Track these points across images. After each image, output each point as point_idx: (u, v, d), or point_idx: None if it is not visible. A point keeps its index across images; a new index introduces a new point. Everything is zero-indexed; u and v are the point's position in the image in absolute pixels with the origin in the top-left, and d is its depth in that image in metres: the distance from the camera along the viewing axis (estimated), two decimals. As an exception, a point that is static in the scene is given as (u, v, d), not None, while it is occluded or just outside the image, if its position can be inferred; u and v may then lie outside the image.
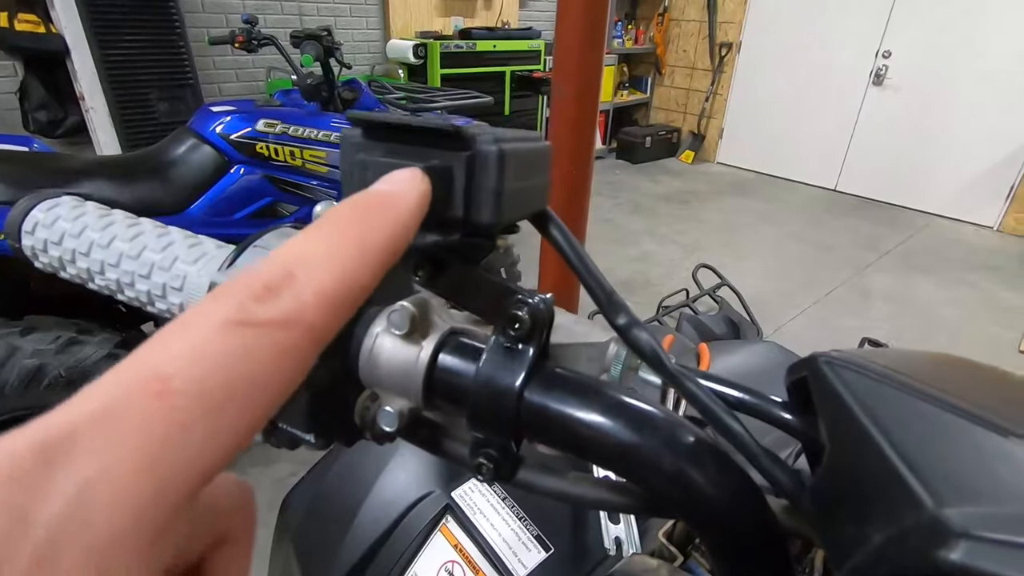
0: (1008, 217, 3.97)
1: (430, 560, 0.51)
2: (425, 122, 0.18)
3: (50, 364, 1.19)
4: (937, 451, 0.14)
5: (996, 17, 3.72)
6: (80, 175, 1.43)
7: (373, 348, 0.21)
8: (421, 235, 0.18)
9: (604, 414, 0.18)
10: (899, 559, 0.12)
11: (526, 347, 0.19)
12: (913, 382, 0.16)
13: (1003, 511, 0.12)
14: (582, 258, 0.20)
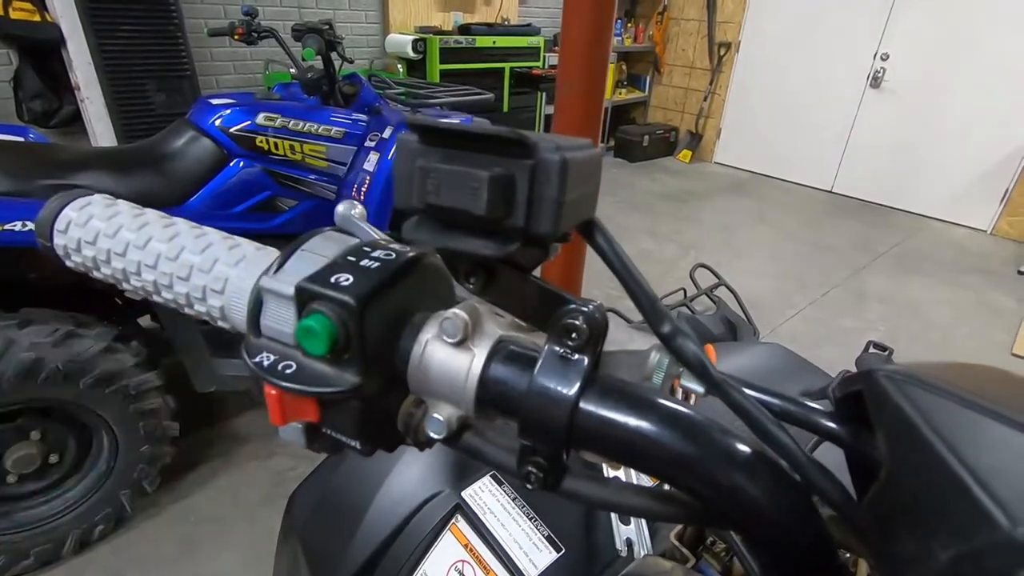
0: (1001, 221, 4.00)
1: (440, 559, 0.51)
2: (485, 129, 0.18)
3: (48, 357, 1.18)
4: (1008, 469, 0.14)
5: (994, 23, 3.74)
6: (78, 166, 1.41)
7: (423, 356, 0.20)
8: (480, 244, 0.17)
9: (660, 424, 0.18)
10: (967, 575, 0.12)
11: (581, 357, 0.19)
12: (977, 399, 0.16)
13: None
14: (627, 267, 0.20)
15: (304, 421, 0.20)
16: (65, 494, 1.34)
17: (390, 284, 0.20)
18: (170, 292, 0.28)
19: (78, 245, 0.30)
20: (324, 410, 0.20)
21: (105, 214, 0.31)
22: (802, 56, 4.71)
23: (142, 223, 0.29)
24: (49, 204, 0.32)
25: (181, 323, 1.42)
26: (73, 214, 0.30)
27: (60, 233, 0.31)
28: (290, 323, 0.21)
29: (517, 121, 4.39)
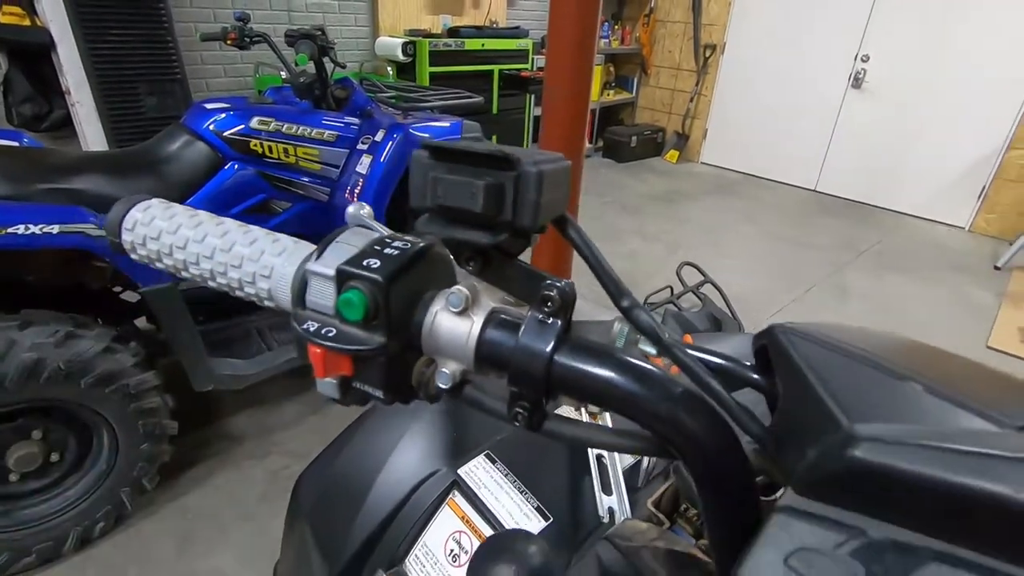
0: (979, 218, 4.11)
1: (439, 531, 0.56)
2: (480, 148, 0.23)
3: (49, 357, 1.21)
4: (850, 388, 0.19)
5: (970, 25, 3.85)
6: (76, 170, 1.44)
7: (434, 323, 0.25)
8: (477, 235, 0.22)
9: (618, 372, 0.23)
10: (826, 464, 0.17)
11: (555, 321, 0.24)
12: (836, 343, 0.21)
13: (893, 427, 0.17)
14: (595, 253, 0.25)
15: (339, 376, 0.25)
16: (66, 492, 1.37)
17: (408, 267, 0.25)
18: (224, 278, 0.32)
19: (144, 240, 0.35)
20: (356, 366, 0.25)
21: (165, 214, 0.35)
22: (785, 58, 4.81)
23: (198, 222, 0.34)
24: (116, 207, 0.36)
25: (179, 324, 1.45)
26: (139, 215, 0.35)
27: (127, 231, 0.35)
28: (330, 297, 0.26)
29: (506, 122, 4.43)
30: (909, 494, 0.16)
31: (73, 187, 1.40)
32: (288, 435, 1.82)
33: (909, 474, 0.15)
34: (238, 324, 1.80)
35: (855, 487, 0.17)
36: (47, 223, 1.18)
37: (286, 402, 1.96)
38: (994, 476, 0.15)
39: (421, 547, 0.55)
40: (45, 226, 1.17)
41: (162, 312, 1.41)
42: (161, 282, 1.39)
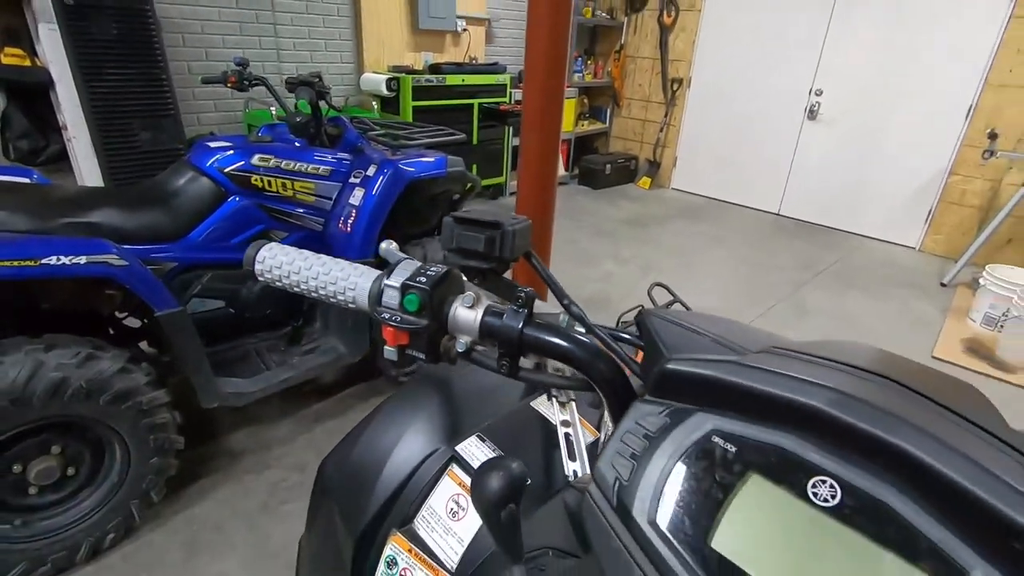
0: (927, 239, 4.42)
1: (441, 496, 0.70)
2: (482, 217, 0.40)
3: (72, 376, 1.32)
4: (674, 340, 0.35)
5: (913, 60, 4.20)
6: (91, 205, 1.57)
7: (455, 313, 0.41)
8: (479, 263, 0.38)
9: (560, 338, 0.40)
10: (656, 376, 0.33)
11: (524, 310, 0.40)
12: (673, 318, 0.37)
13: (687, 354, 0.33)
14: (549, 275, 0.41)
15: (398, 346, 0.41)
16: (80, 504, 1.46)
17: (440, 281, 0.42)
18: (324, 291, 0.48)
19: (270, 268, 0.50)
20: (411, 338, 0.40)
21: (282, 252, 0.51)
22: (747, 91, 5.14)
23: (304, 256, 0.50)
24: (249, 249, 0.51)
25: (189, 345, 1.57)
26: (266, 252, 0.50)
27: (259, 263, 0.50)
28: (396, 299, 0.43)
29: (486, 152, 4.65)
30: (693, 385, 0.32)
31: (92, 221, 1.53)
32: (285, 450, 1.93)
33: (693, 375, 0.31)
34: (239, 346, 1.92)
35: (667, 385, 0.32)
36: (76, 254, 1.30)
37: (282, 420, 2.07)
38: (732, 372, 0.31)
39: (427, 508, 0.70)
40: (74, 257, 1.30)
41: (174, 334, 1.53)
42: (173, 307, 1.51)
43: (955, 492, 0.24)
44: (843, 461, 0.27)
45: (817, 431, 0.28)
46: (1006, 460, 0.25)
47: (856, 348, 0.34)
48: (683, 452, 0.30)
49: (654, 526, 0.28)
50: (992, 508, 0.23)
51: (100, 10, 2.76)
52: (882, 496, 0.25)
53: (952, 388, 0.31)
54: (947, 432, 0.25)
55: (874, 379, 0.30)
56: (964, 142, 4.10)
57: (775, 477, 0.27)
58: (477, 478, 0.43)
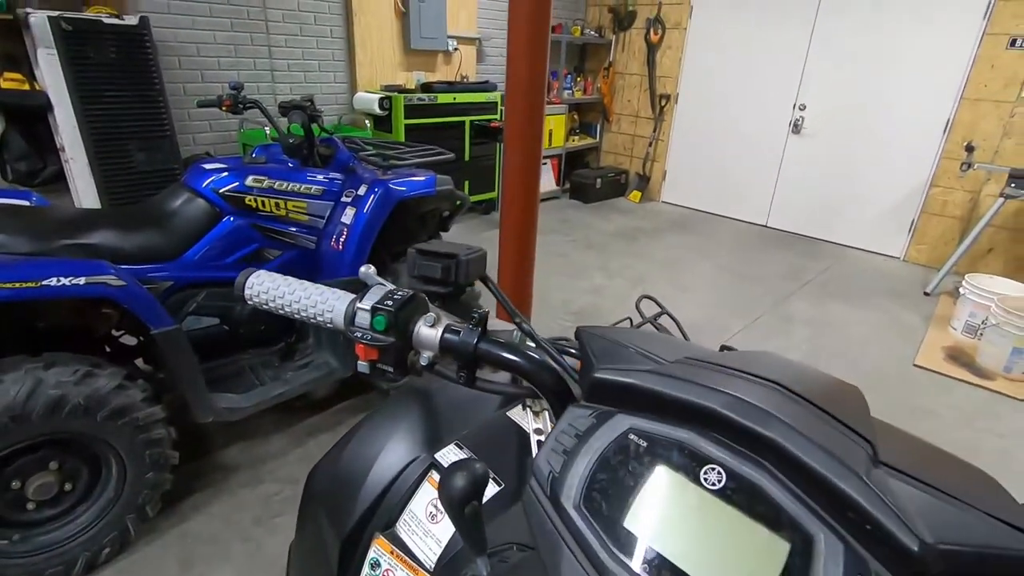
0: (911, 248, 4.51)
1: (421, 500, 0.75)
2: (439, 249, 0.45)
3: (70, 394, 1.36)
4: (604, 352, 0.41)
5: (892, 74, 4.32)
6: (89, 227, 1.62)
7: (418, 331, 0.47)
8: (439, 288, 0.44)
9: (510, 353, 0.45)
10: (587, 384, 0.39)
11: (478, 327, 0.46)
12: (604, 334, 0.43)
13: (618, 367, 0.39)
14: (503, 296, 0.47)
15: (371, 360, 0.46)
16: (76, 519, 1.49)
17: (405, 304, 0.48)
18: (306, 313, 0.54)
19: (258, 294, 0.56)
20: (380, 353, 0.46)
21: (268, 279, 0.57)
22: (733, 106, 5.26)
23: (288, 282, 0.56)
24: (240, 276, 0.57)
25: (184, 361, 1.61)
26: (254, 279, 0.56)
27: (248, 288, 0.56)
28: (367, 320, 0.48)
29: (477, 168, 4.73)
30: (615, 391, 0.37)
31: (90, 242, 1.58)
32: (278, 464, 1.96)
33: (616, 382, 0.37)
34: (233, 362, 1.96)
35: (596, 391, 0.38)
36: (75, 275, 1.35)
37: (276, 434, 2.11)
38: (646, 379, 0.36)
39: (408, 512, 0.75)
40: (74, 278, 1.35)
41: (169, 351, 1.57)
42: (169, 325, 1.56)
43: (808, 474, 0.29)
44: (729, 452, 0.32)
45: (712, 428, 0.33)
46: (853, 448, 0.30)
47: (758, 358, 0.39)
48: (605, 448, 0.35)
49: (579, 510, 0.34)
50: (833, 486, 0.28)
51: (98, 35, 2.84)
52: (756, 479, 0.30)
53: (833, 390, 0.36)
54: (810, 426, 0.31)
55: (765, 384, 0.35)
56: (943, 155, 4.21)
57: (676, 466, 0.33)
58: (444, 478, 0.48)
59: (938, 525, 0.26)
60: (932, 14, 4.05)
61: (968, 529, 0.26)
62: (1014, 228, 4.00)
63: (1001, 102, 3.91)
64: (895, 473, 0.30)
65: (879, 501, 0.27)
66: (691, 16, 5.31)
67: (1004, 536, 0.26)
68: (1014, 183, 3.51)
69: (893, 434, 0.35)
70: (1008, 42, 3.81)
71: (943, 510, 0.27)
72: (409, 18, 4.33)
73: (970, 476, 0.32)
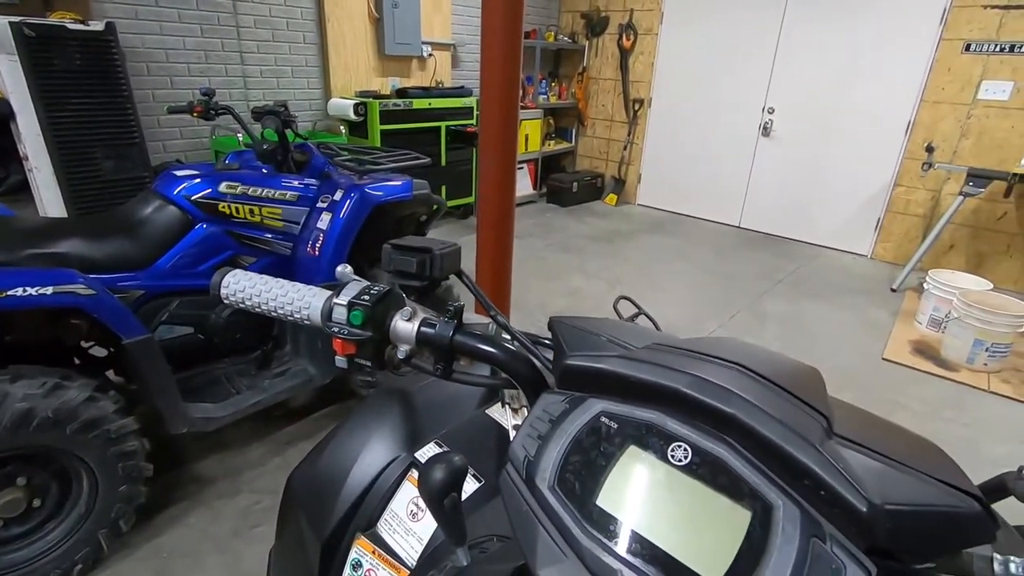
0: (878, 247, 4.65)
1: (402, 499, 0.75)
2: (415, 244, 0.46)
3: (38, 407, 1.33)
4: (575, 340, 0.42)
5: (856, 78, 4.46)
6: (56, 236, 1.58)
7: (395, 325, 0.48)
8: (414, 282, 0.45)
9: (485, 344, 0.46)
10: (559, 371, 0.40)
11: (454, 320, 0.47)
12: (576, 324, 0.44)
13: (589, 353, 0.40)
14: (478, 289, 0.48)
15: (347, 355, 0.47)
16: (46, 536, 1.45)
17: (382, 299, 0.48)
18: (283, 310, 0.54)
19: (234, 292, 0.56)
20: (358, 348, 0.47)
21: (245, 278, 0.57)
22: (705, 110, 5.37)
23: (264, 280, 0.56)
24: (216, 276, 0.57)
25: (157, 371, 1.58)
26: (230, 278, 0.56)
27: (224, 288, 0.56)
28: (344, 315, 0.49)
29: (454, 173, 4.74)
30: (587, 376, 0.38)
31: (58, 251, 1.54)
32: (256, 474, 1.94)
33: (587, 368, 0.38)
34: (209, 371, 1.93)
35: (568, 378, 0.39)
36: (42, 285, 1.32)
37: (254, 444, 2.07)
38: (616, 364, 0.38)
39: (389, 512, 0.75)
40: (40, 288, 1.31)
41: (141, 361, 1.54)
42: (141, 334, 1.53)
43: (767, 446, 0.31)
44: (695, 429, 0.34)
45: (678, 407, 0.35)
46: (809, 421, 0.32)
47: (722, 343, 0.41)
48: (577, 431, 0.37)
49: (553, 491, 0.35)
50: (789, 455, 0.30)
51: (62, 41, 2.77)
52: (720, 454, 0.32)
53: (792, 370, 0.38)
54: (768, 402, 0.33)
55: (728, 366, 0.37)
56: (906, 155, 4.36)
57: (645, 445, 0.34)
58: (423, 471, 0.49)
59: (885, 488, 0.28)
60: (893, 20, 4.20)
61: (912, 490, 0.28)
62: (973, 225, 4.16)
63: (958, 104, 4.07)
64: (847, 443, 0.31)
65: (831, 467, 0.29)
66: (662, 22, 5.41)
67: (945, 496, 0.28)
68: (972, 182, 3.65)
69: (848, 410, 0.37)
70: (963, 47, 3.97)
71: (890, 474, 0.29)
72: (383, 24, 4.33)
73: (918, 446, 0.34)
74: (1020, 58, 3.79)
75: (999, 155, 3.94)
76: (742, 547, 0.29)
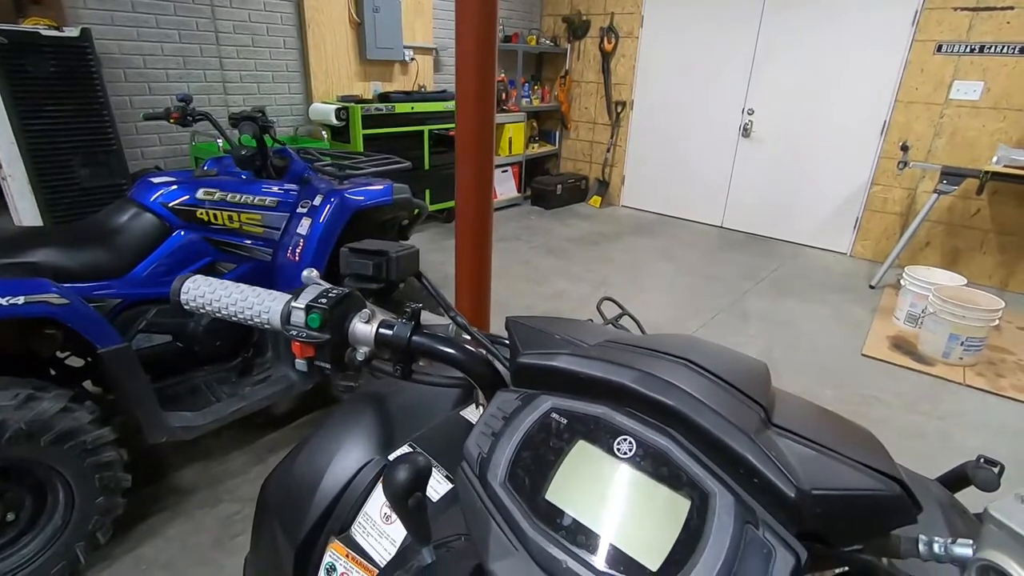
0: (857, 245, 4.73)
1: (375, 503, 0.75)
2: (370, 247, 0.47)
3: (11, 419, 1.30)
4: (529, 339, 0.43)
5: (833, 79, 4.54)
6: (30, 245, 1.56)
7: (353, 327, 0.48)
8: (372, 285, 0.46)
9: (442, 344, 0.47)
10: (513, 369, 0.41)
11: (411, 322, 0.47)
12: (529, 323, 0.45)
13: (540, 351, 0.41)
14: (436, 290, 0.49)
15: (307, 357, 0.47)
16: (21, 550, 1.43)
17: (340, 302, 0.49)
18: (243, 315, 0.54)
19: (194, 298, 0.56)
20: (317, 350, 0.47)
21: (204, 283, 0.57)
22: (685, 111, 5.43)
23: (224, 286, 0.56)
24: (176, 282, 0.57)
25: (134, 380, 1.57)
26: (190, 283, 0.56)
27: (184, 294, 0.56)
28: (302, 318, 0.49)
29: (437, 177, 4.74)
30: (538, 374, 0.39)
31: (31, 260, 1.52)
32: (237, 482, 1.92)
33: (538, 365, 0.39)
34: (187, 380, 1.91)
35: (521, 375, 0.40)
36: (13, 295, 1.30)
37: (234, 452, 2.06)
38: (565, 361, 0.39)
39: (363, 515, 0.75)
40: (12, 298, 1.30)
41: (118, 370, 1.52)
42: (117, 343, 1.51)
43: (706, 437, 0.32)
44: (640, 423, 0.35)
45: (624, 402, 0.36)
46: (747, 412, 0.33)
47: (673, 339, 0.42)
48: (529, 427, 0.37)
49: (504, 487, 0.35)
50: (725, 445, 0.31)
51: (36, 48, 2.74)
52: (662, 446, 0.33)
53: (737, 364, 0.40)
54: (709, 395, 0.34)
55: (674, 361, 0.38)
56: (882, 155, 4.44)
57: (593, 440, 0.35)
58: (387, 471, 0.50)
59: (813, 474, 0.29)
60: (868, 22, 4.29)
61: (839, 476, 0.29)
62: (948, 222, 4.25)
63: (931, 104, 4.16)
64: (783, 432, 0.33)
65: (763, 456, 0.30)
66: (642, 25, 5.47)
67: (870, 481, 0.30)
68: (946, 180, 3.73)
69: (790, 401, 0.38)
70: (935, 48, 4.06)
71: (819, 461, 0.30)
72: (364, 28, 4.32)
73: (851, 433, 0.35)
74: (989, 59, 3.88)
75: (971, 153, 4.03)
76: (680, 535, 0.30)
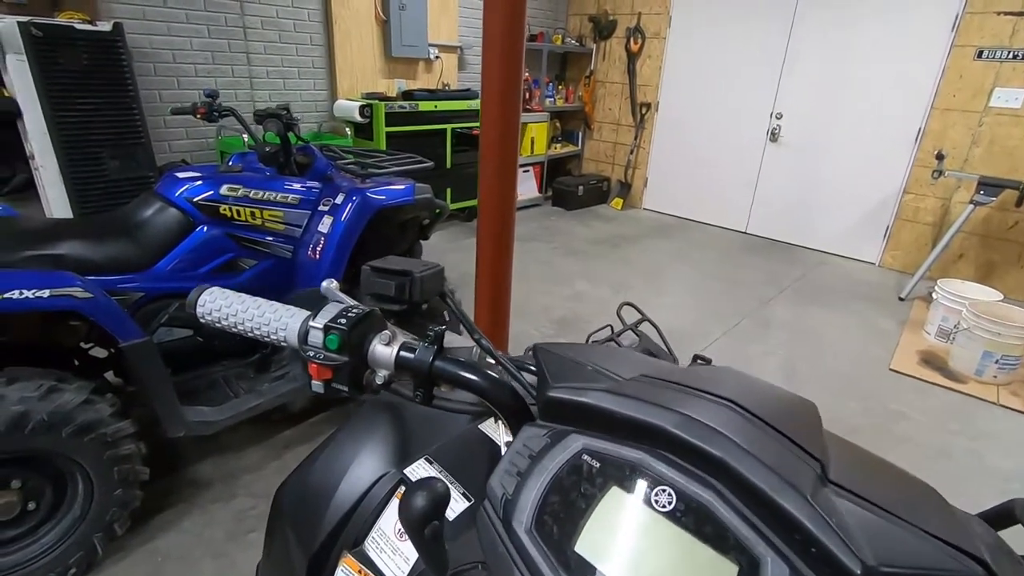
0: (886, 254, 4.60)
1: (390, 517, 0.73)
2: (396, 265, 0.45)
3: (34, 410, 1.32)
4: (558, 369, 0.40)
5: (868, 83, 4.42)
6: (57, 237, 1.58)
7: (373, 349, 0.46)
8: (394, 306, 0.43)
9: (465, 371, 0.44)
10: (541, 403, 0.39)
11: (434, 345, 0.45)
12: (558, 350, 0.43)
13: (571, 385, 0.38)
14: (461, 310, 0.46)
15: (324, 379, 0.45)
16: (41, 540, 1.45)
17: (360, 322, 0.46)
18: (259, 331, 0.53)
19: (211, 312, 0.54)
20: (334, 373, 0.45)
21: (221, 296, 0.56)
22: (712, 114, 5.33)
23: (241, 299, 0.54)
24: (192, 293, 0.55)
25: (155, 374, 1.58)
26: (207, 296, 0.55)
27: (200, 306, 0.55)
28: (320, 338, 0.47)
29: (460, 176, 4.72)
30: (570, 410, 0.37)
31: (57, 253, 1.54)
32: (253, 477, 1.93)
33: (570, 401, 0.36)
34: (207, 374, 1.92)
35: (550, 410, 0.37)
36: (39, 288, 1.31)
37: (250, 448, 2.06)
38: (600, 399, 0.36)
39: (377, 530, 0.73)
40: (37, 291, 1.31)
41: (139, 363, 1.53)
42: (138, 337, 1.52)
43: (755, 494, 0.29)
44: (680, 472, 0.32)
45: (663, 447, 0.33)
46: (802, 467, 0.30)
47: (715, 374, 0.39)
48: (558, 468, 0.35)
49: (530, 534, 0.33)
50: (779, 507, 0.28)
51: (70, 41, 2.78)
52: (705, 500, 0.30)
53: (787, 407, 0.36)
54: (759, 445, 0.31)
55: (719, 402, 0.35)
56: (915, 163, 4.31)
57: (628, 488, 0.32)
58: (404, 498, 0.47)
59: (880, 547, 0.26)
60: (904, 26, 4.16)
61: (909, 551, 0.26)
62: (984, 234, 4.10)
63: (969, 112, 4.02)
64: (842, 492, 0.30)
65: (823, 523, 0.27)
66: (670, 26, 5.38)
67: (942, 558, 0.26)
68: (983, 190, 3.60)
69: (844, 449, 0.35)
70: (975, 53, 3.92)
71: (886, 531, 0.27)
72: (390, 26, 4.33)
73: (917, 492, 0.32)
74: (1033, 65, 3.74)
75: (1011, 163, 3.89)
76: None
